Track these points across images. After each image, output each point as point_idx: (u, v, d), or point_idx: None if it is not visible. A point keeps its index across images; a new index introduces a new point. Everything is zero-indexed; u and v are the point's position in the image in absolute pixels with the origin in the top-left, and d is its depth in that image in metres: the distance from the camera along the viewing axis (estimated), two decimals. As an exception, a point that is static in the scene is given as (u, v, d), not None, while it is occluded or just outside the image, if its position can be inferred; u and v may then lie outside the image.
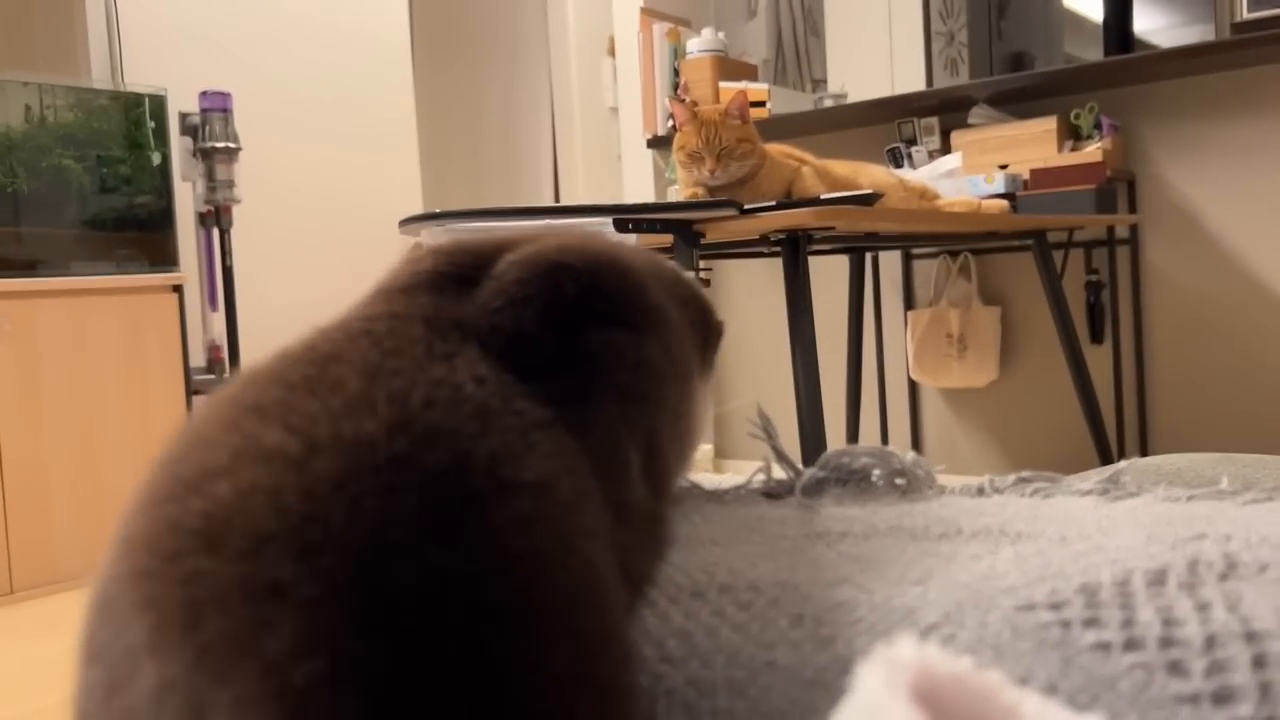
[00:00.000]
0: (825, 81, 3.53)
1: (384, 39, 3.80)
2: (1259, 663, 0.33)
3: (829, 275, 3.30)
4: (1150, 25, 3.21)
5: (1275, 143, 2.64)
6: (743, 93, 1.98)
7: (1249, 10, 2.57)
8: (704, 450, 3.51)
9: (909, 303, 3.21)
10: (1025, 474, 0.63)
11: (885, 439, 3.24)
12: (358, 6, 3.72)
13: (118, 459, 2.74)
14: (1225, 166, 2.71)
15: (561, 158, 4.16)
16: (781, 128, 3.15)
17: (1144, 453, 2.84)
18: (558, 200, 4.30)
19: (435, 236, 1.64)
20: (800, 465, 0.66)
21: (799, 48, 3.71)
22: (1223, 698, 0.32)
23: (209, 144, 3.00)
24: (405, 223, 1.78)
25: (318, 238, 3.57)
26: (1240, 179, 2.69)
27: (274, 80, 3.50)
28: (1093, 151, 2.66)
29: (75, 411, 2.67)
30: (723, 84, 3.20)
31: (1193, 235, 2.77)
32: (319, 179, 3.61)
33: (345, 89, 3.68)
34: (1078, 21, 3.43)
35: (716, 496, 0.66)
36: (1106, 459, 2.63)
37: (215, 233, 3.09)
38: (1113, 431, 2.86)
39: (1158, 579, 0.39)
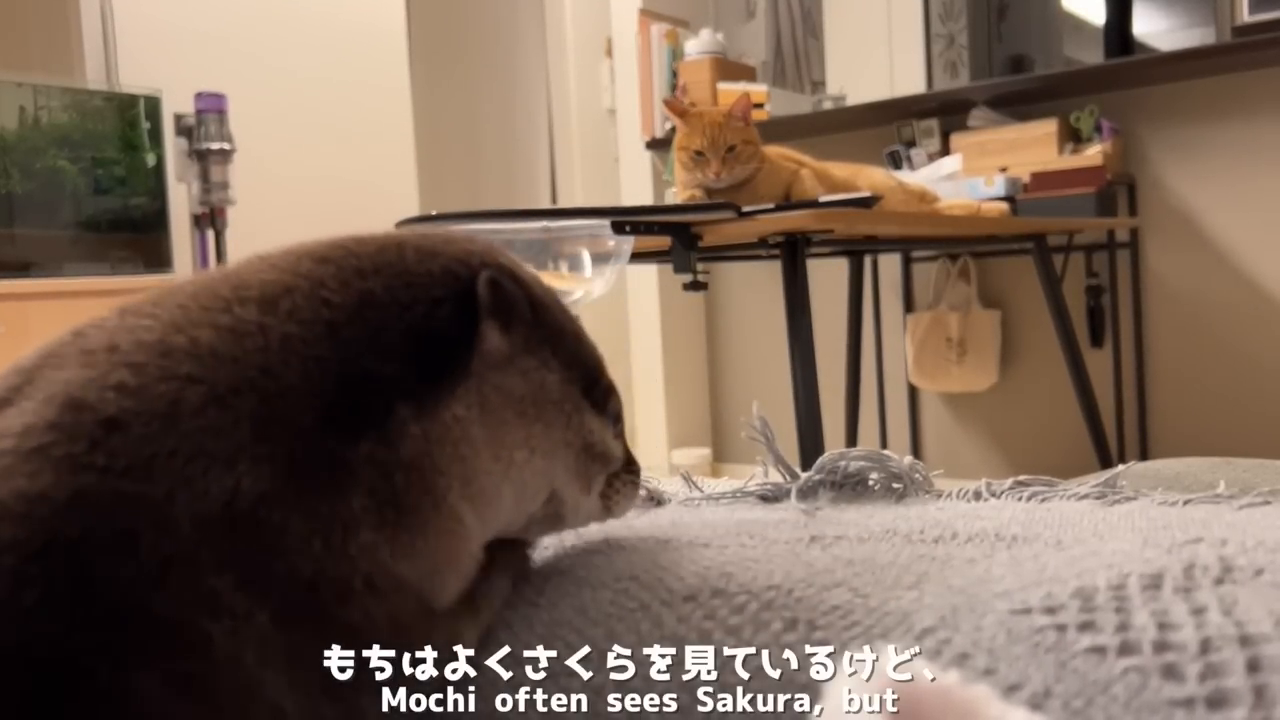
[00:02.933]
0: (824, 83, 3.52)
1: (381, 40, 3.79)
2: (1253, 666, 0.33)
3: (828, 278, 3.30)
4: (1150, 28, 3.21)
5: (1276, 146, 2.64)
6: (746, 95, 1.97)
7: (1249, 13, 2.57)
8: (702, 454, 3.51)
9: (908, 306, 3.20)
10: (1022, 478, 0.62)
11: (884, 443, 3.24)
12: (354, 7, 3.72)
13: (114, 461, 2.73)
14: (1226, 170, 2.70)
15: (559, 159, 4.15)
16: (780, 130, 3.15)
17: (1144, 457, 2.84)
18: (555, 202, 4.30)
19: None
20: (798, 469, 0.65)
21: (798, 49, 3.71)
22: (1217, 702, 0.32)
23: (204, 145, 2.99)
24: (402, 224, 1.78)
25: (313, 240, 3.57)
26: (1241, 182, 2.69)
27: (270, 82, 3.49)
28: (1093, 155, 2.66)
29: (72, 413, 2.67)
30: (721, 85, 3.20)
31: (1193, 239, 2.76)
32: (315, 181, 3.60)
33: (342, 90, 3.68)
34: (1078, 24, 3.43)
35: (712, 500, 0.66)
36: (1106, 463, 2.63)
37: (210, 234, 3.09)
38: (1113, 436, 2.86)
39: (1153, 583, 0.39)
